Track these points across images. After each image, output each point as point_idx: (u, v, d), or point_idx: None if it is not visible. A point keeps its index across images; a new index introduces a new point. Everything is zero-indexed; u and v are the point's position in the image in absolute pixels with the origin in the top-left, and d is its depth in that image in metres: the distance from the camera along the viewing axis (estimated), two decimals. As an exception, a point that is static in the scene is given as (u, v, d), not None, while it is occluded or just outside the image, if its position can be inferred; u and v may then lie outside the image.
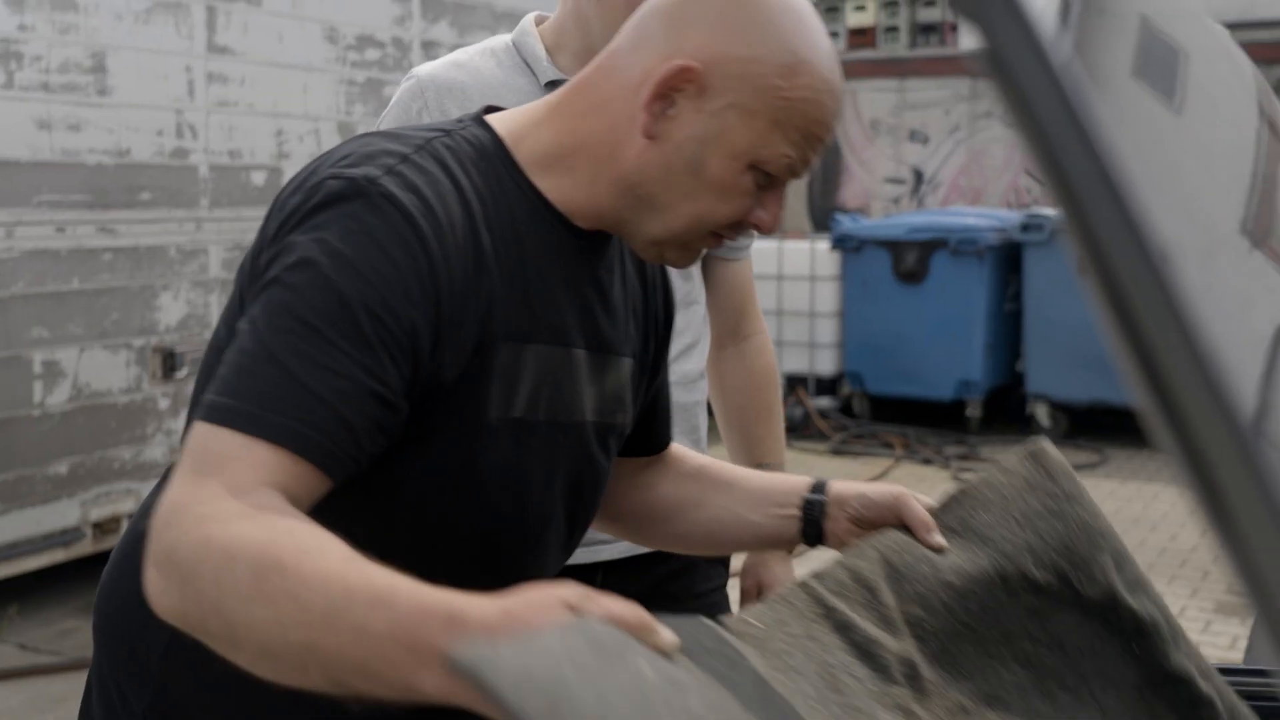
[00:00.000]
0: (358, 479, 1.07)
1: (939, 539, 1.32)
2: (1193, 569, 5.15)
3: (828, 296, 7.98)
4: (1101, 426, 7.39)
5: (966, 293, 7.42)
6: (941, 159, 9.65)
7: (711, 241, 1.22)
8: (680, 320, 1.88)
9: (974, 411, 7.54)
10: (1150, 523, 5.80)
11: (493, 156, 1.19)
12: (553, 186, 1.20)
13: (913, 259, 7.53)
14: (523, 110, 1.24)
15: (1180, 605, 4.71)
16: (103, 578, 1.27)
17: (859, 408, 8.01)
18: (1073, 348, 7.17)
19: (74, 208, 4.55)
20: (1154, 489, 6.39)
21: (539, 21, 1.83)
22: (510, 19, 6.80)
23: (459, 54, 1.84)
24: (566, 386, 1.22)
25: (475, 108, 1.42)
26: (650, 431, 1.44)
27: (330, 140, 5.31)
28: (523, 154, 1.20)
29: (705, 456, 1.51)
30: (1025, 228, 7.35)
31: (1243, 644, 4.11)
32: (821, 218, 9.70)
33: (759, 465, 1.88)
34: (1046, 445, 1.44)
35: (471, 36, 6.45)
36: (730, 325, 2.01)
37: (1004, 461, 1.42)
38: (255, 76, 5.13)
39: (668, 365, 1.46)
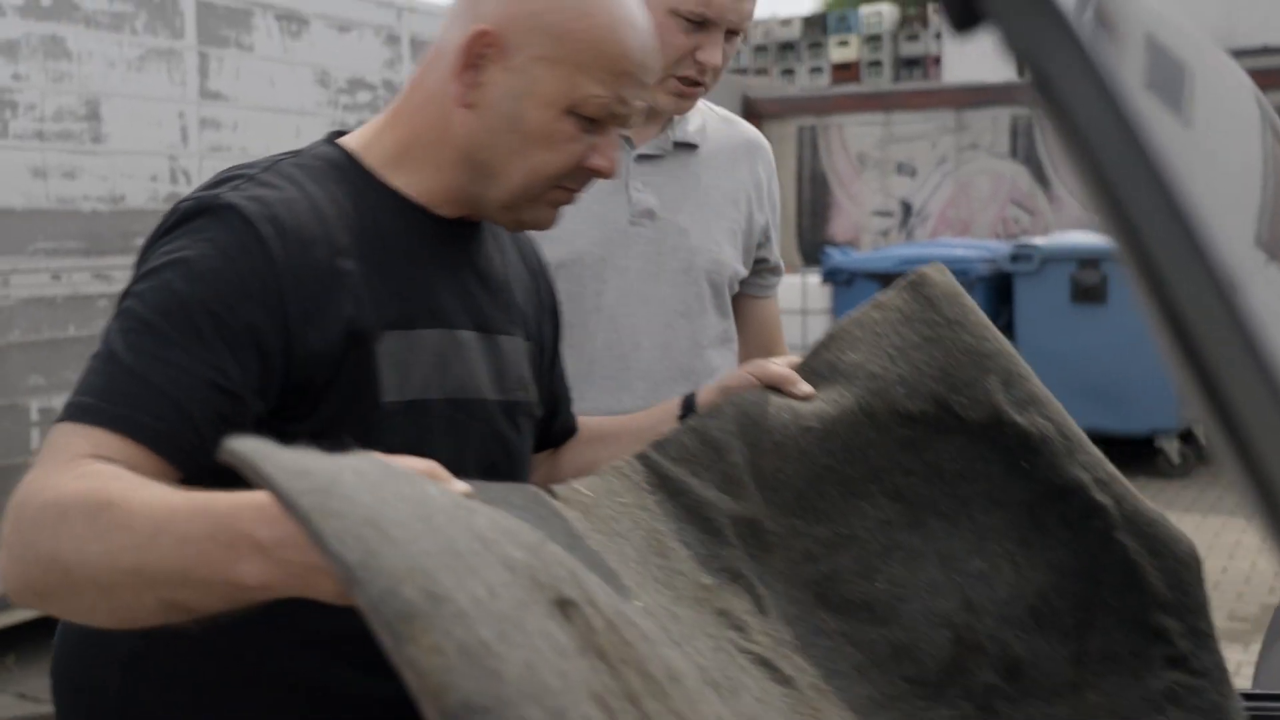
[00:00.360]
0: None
1: (804, 387, 1.35)
2: (1192, 595, 5.13)
3: (820, 330, 8.00)
4: (1096, 454, 7.39)
5: (958, 323, 7.45)
6: (929, 191, 9.71)
7: (560, 195, 1.27)
8: (717, 358, 1.91)
9: (968, 442, 7.55)
10: (1148, 549, 5.79)
11: (344, 168, 1.26)
12: (408, 183, 1.27)
13: (903, 291, 7.56)
14: (367, 124, 1.33)
15: (1181, 631, 4.70)
16: (55, 638, 1.29)
17: (853, 440, 8.01)
18: (1065, 377, 7.19)
19: (70, 255, 4.55)
20: (1150, 516, 6.39)
21: None
22: (499, 60, 6.83)
23: None
24: (458, 366, 1.27)
25: None
26: (558, 422, 1.51)
27: (323, 183, 5.32)
28: (372, 160, 1.27)
29: (593, 418, 1.57)
30: (1015, 258, 7.39)
31: (1246, 670, 4.10)
32: (811, 251, 9.74)
33: None
34: (930, 272, 1.42)
35: (461, 78, 6.47)
36: None
37: (880, 296, 1.41)
38: (248, 121, 5.15)
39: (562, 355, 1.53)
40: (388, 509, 0.76)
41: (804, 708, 1.15)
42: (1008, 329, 7.60)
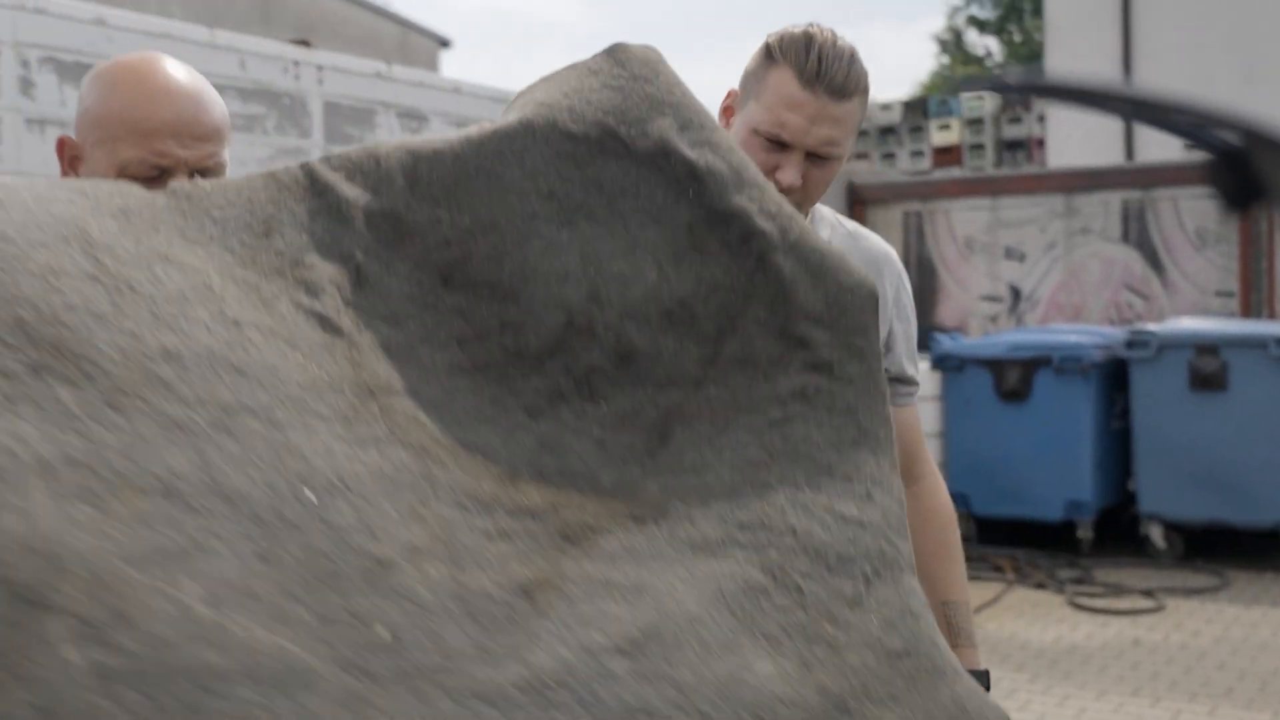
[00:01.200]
0: None
1: (479, 127, 1.44)
2: (1332, 698, 4.93)
3: (929, 417, 7.88)
4: (1221, 548, 7.17)
5: (1072, 411, 7.31)
6: (1039, 276, 9.59)
7: None
8: None
9: (1085, 533, 7.36)
10: (1279, 650, 5.59)
11: None
12: None
13: (1015, 377, 7.45)
14: None
15: (1323, 738, 4.50)
16: None
17: (966, 530, 7.84)
18: (1186, 466, 7.00)
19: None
20: (1281, 612, 6.16)
21: None
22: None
23: None
24: None
25: None
26: None
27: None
28: None
29: None
30: (1130, 344, 7.25)
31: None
32: (920, 337, 9.63)
33: (943, 604, 1.85)
34: (632, 44, 1.49)
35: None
36: (901, 468, 2.02)
37: (581, 61, 1.51)
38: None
39: None
40: None
41: (344, 351, 1.23)
42: (1124, 416, 7.44)
